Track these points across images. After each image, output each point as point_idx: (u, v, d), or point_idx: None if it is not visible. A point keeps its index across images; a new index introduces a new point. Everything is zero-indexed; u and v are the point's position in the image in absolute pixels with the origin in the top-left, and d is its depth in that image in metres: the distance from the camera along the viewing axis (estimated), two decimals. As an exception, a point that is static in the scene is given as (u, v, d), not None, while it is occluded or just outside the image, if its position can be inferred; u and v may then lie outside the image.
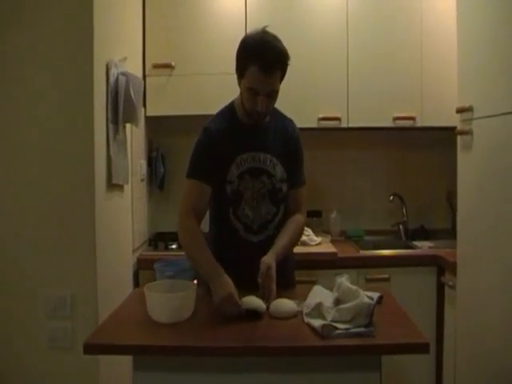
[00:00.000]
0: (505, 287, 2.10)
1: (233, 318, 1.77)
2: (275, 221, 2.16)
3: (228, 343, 1.63)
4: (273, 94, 2.03)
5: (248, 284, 1.88)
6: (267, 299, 1.86)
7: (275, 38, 2.02)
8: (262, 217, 2.14)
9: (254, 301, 1.83)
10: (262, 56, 1.95)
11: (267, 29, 2.04)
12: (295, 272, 2.35)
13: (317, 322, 1.67)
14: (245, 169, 2.11)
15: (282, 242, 2.06)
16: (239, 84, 2.08)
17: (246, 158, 2.11)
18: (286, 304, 1.83)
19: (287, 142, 2.18)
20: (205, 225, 2.19)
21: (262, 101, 2.00)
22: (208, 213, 2.19)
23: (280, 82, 2.04)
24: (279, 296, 1.88)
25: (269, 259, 1.94)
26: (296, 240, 2.21)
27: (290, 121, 2.27)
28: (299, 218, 2.20)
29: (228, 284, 1.84)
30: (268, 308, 1.83)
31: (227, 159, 2.10)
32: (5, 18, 2.20)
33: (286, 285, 2.12)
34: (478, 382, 2.35)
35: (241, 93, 2.11)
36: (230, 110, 2.20)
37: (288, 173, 2.16)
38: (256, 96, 2.00)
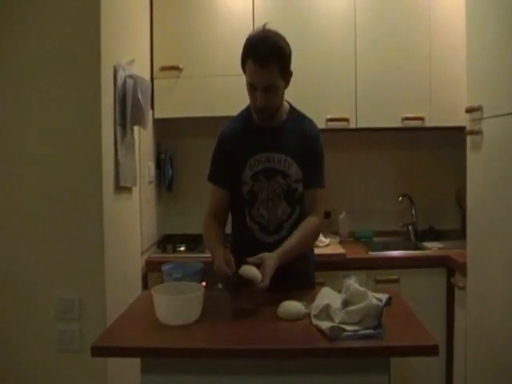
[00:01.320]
0: (515, 288, 2.09)
1: (226, 283, 1.96)
2: (290, 221, 2.16)
3: (235, 345, 1.63)
4: (271, 89, 2.02)
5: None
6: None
7: (273, 33, 2.04)
8: (278, 217, 2.14)
9: (251, 270, 1.85)
10: (255, 49, 1.99)
11: (268, 26, 2.07)
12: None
13: (325, 324, 1.66)
14: (258, 169, 2.12)
15: (288, 244, 2.03)
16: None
17: (260, 159, 2.12)
18: (294, 306, 1.83)
19: (304, 141, 2.16)
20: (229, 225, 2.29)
21: (259, 95, 2.01)
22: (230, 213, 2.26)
23: (283, 78, 2.04)
24: (287, 298, 1.88)
25: (268, 259, 1.91)
26: (306, 243, 2.15)
27: (309, 120, 2.24)
28: (313, 220, 2.14)
29: (219, 258, 1.92)
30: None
31: (241, 160, 2.12)
32: (12, 22, 2.21)
33: (306, 286, 2.14)
34: (488, 384, 2.33)
35: None
36: (246, 111, 2.22)
37: (304, 173, 2.15)
38: (255, 91, 2.02)
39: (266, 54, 1.97)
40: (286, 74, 2.06)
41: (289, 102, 2.24)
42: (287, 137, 2.15)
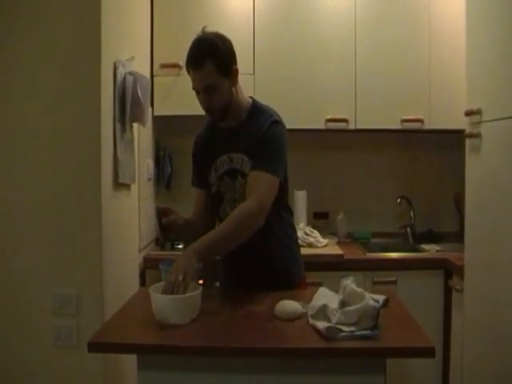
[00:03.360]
0: (512, 291, 2.09)
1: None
2: None
3: (232, 344, 1.62)
4: (210, 89, 2.00)
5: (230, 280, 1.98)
6: None
7: (209, 34, 2.04)
8: None
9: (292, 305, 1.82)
10: (189, 53, 2.01)
11: (208, 28, 2.08)
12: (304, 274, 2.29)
13: (321, 324, 1.65)
14: (223, 171, 2.15)
15: (207, 236, 1.90)
16: None
17: (224, 160, 2.14)
18: (290, 305, 1.83)
19: (258, 134, 2.06)
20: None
21: (202, 98, 2.03)
22: None
23: (224, 76, 2.01)
24: (284, 297, 1.88)
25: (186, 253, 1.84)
26: (229, 229, 1.91)
27: (270, 113, 2.13)
28: (245, 205, 1.95)
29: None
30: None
31: (208, 163, 2.18)
32: (12, 17, 2.20)
33: (287, 286, 2.09)
34: (484, 387, 2.33)
35: None
36: None
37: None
38: (199, 95, 2.04)
39: (199, 56, 1.98)
40: (228, 71, 2.03)
41: (253, 99, 2.19)
42: (245, 136, 2.10)
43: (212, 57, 1.97)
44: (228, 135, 2.14)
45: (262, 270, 2.13)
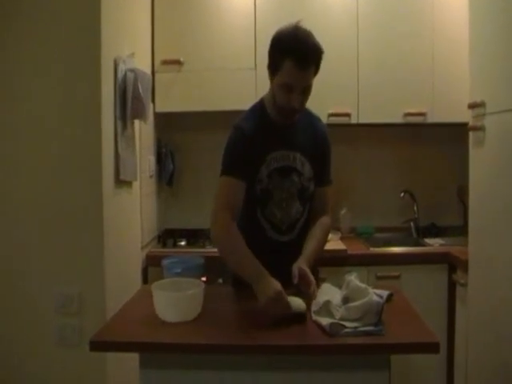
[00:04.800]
0: (517, 285, 2.08)
1: (278, 320, 1.69)
2: (302, 220, 2.14)
3: (234, 341, 1.61)
4: (307, 90, 1.99)
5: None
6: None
7: (309, 33, 1.99)
8: (292, 217, 2.11)
9: (297, 302, 1.77)
10: (297, 51, 1.91)
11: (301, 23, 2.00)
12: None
13: (325, 321, 1.64)
14: (274, 167, 2.07)
15: (311, 247, 2.01)
16: (271, 81, 2.03)
17: (276, 157, 2.07)
18: (293, 301, 1.81)
19: (315, 139, 2.14)
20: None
21: (296, 97, 1.96)
22: None
23: (314, 77, 2.01)
24: (288, 294, 1.86)
25: (301, 264, 1.89)
26: (324, 245, 2.15)
27: (318, 118, 2.22)
28: (326, 220, 2.15)
29: (277, 284, 1.75)
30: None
31: (258, 158, 2.06)
32: (12, 14, 2.20)
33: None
34: (489, 382, 2.32)
35: (271, 90, 2.05)
36: (260, 107, 2.13)
37: (315, 171, 2.12)
38: (290, 92, 1.95)
39: (309, 56, 1.92)
40: (317, 73, 2.02)
41: None
42: (301, 134, 2.12)
43: (316, 61, 1.97)
44: (282, 132, 2.09)
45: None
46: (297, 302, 1.76)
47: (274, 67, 1.98)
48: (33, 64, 2.20)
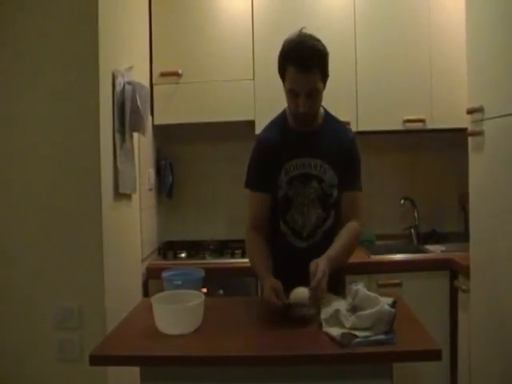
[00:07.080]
0: (519, 291, 2.07)
1: (279, 316, 1.79)
2: (325, 226, 2.15)
3: (236, 353, 1.60)
4: (313, 94, 2.00)
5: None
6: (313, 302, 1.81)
7: (311, 37, 2.02)
8: (312, 223, 2.13)
9: (297, 294, 1.79)
10: (296, 55, 1.96)
11: (304, 30, 2.05)
12: None
13: (335, 331, 1.63)
14: (293, 175, 2.11)
15: (334, 247, 1.99)
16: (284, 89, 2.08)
17: (296, 164, 2.10)
18: (295, 293, 1.80)
19: (340, 146, 2.14)
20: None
21: (302, 101, 1.99)
22: None
23: (323, 82, 2.03)
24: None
25: (318, 260, 1.86)
26: (351, 249, 2.10)
27: (343, 124, 2.25)
28: (354, 225, 2.11)
29: (269, 287, 1.85)
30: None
31: (277, 166, 2.11)
32: (10, 27, 2.20)
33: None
34: (494, 389, 2.31)
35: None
36: (281, 117, 2.20)
37: (340, 177, 2.12)
38: (297, 97, 2.00)
39: (307, 58, 1.95)
40: (326, 78, 2.04)
41: (323, 106, 2.21)
42: (323, 142, 2.13)
43: (318, 61, 1.98)
44: (303, 140, 2.12)
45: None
46: (297, 294, 1.78)
47: (281, 75, 2.04)
48: (31, 77, 2.21)
